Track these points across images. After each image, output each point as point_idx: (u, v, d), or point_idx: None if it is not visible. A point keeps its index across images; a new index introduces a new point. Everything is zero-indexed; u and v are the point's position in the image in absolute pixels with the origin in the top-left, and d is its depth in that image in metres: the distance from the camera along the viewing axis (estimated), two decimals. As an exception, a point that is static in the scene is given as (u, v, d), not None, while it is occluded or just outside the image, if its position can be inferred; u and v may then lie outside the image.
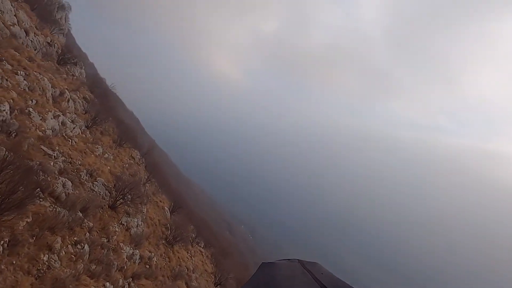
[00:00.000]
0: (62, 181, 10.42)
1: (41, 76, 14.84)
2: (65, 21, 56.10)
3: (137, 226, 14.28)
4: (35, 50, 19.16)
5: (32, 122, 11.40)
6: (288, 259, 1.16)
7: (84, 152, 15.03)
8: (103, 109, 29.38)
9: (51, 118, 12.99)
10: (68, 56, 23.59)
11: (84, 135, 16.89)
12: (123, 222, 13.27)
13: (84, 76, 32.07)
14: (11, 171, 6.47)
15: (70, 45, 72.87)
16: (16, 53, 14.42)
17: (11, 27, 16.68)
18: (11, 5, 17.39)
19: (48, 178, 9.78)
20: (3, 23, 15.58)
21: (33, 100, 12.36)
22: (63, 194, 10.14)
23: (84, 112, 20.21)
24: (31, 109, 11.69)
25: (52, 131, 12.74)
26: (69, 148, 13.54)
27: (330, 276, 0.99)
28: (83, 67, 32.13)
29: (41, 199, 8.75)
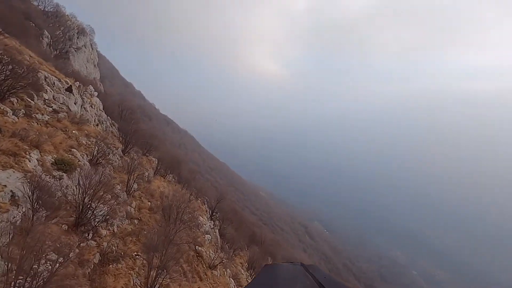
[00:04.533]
0: None
1: None
2: (91, 48, 45.18)
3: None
4: None
5: None
6: (291, 262, 1.07)
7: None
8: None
9: None
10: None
11: None
12: None
13: (101, 107, 18.60)
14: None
15: (105, 76, 63.26)
16: None
17: None
18: None
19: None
20: None
21: None
22: None
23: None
24: None
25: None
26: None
27: (333, 280, 0.93)
28: (97, 92, 18.74)
29: None
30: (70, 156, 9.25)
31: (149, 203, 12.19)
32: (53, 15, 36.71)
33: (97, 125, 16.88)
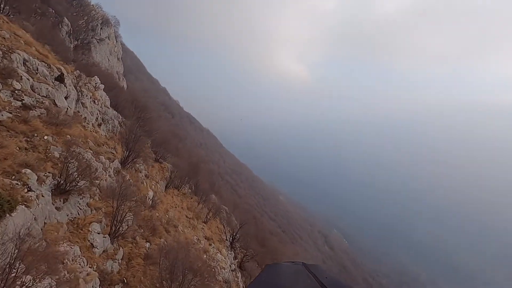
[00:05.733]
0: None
1: None
2: (116, 40, 42.93)
3: None
4: None
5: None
6: (293, 262, 1.08)
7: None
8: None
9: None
10: None
11: None
12: None
13: (108, 103, 15.17)
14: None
15: (129, 70, 61.46)
16: None
17: None
18: None
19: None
20: None
21: None
22: None
23: None
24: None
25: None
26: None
27: (335, 280, 0.92)
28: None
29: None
30: (14, 182, 5.48)
31: (147, 244, 8.27)
32: (77, 4, 34.61)
33: (99, 125, 13.38)
